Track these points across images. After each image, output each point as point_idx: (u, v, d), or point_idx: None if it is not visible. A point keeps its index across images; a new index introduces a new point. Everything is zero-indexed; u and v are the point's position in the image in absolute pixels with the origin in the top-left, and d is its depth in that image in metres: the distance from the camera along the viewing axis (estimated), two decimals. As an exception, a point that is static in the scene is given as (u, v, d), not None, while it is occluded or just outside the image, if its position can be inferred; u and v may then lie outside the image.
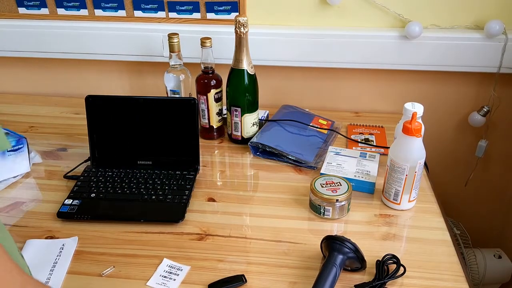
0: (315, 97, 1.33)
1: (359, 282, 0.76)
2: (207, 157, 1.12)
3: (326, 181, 0.92)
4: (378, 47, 1.19)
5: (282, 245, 0.85)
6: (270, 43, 1.22)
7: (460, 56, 1.18)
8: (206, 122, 1.16)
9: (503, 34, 1.13)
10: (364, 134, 1.18)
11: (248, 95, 1.10)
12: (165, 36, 1.18)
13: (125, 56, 1.30)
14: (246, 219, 0.92)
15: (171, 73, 1.14)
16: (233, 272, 0.79)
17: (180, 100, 1.04)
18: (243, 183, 1.03)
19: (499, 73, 1.18)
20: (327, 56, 1.22)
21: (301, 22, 1.23)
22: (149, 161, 1.04)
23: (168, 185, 0.98)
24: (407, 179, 0.88)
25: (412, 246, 0.84)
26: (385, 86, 1.30)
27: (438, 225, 0.89)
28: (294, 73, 1.30)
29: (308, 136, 1.15)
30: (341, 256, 0.75)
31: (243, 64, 1.07)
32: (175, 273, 0.79)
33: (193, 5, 1.22)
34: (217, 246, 0.85)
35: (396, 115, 1.16)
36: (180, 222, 0.90)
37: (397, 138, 0.91)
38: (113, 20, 1.27)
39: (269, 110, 1.26)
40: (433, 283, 0.76)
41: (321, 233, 0.86)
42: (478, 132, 1.31)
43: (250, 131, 1.15)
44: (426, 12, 1.17)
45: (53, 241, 0.86)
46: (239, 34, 1.04)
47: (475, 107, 1.27)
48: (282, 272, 0.79)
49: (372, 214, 0.92)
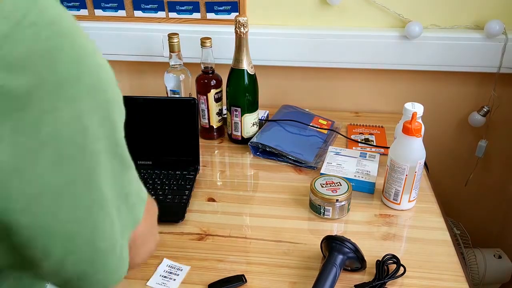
0: (315, 97, 1.33)
1: (359, 282, 0.76)
2: (207, 157, 1.12)
3: (326, 181, 0.92)
4: (378, 47, 1.19)
5: (282, 245, 0.85)
6: (270, 43, 1.22)
7: (460, 56, 1.18)
8: (206, 122, 1.16)
9: (503, 34, 1.13)
10: (364, 134, 1.18)
11: (248, 95, 1.10)
12: (165, 36, 1.18)
13: (125, 56, 1.30)
14: (246, 219, 0.92)
15: (171, 73, 1.14)
16: (233, 272, 0.79)
17: (180, 100, 1.04)
18: (243, 183, 1.03)
19: (499, 73, 1.18)
20: (327, 56, 1.22)
21: (301, 22, 1.23)
22: (149, 161, 1.04)
23: (168, 185, 0.98)
24: (407, 179, 0.88)
25: (412, 246, 0.84)
26: (385, 86, 1.30)
27: (438, 225, 0.89)
28: (294, 73, 1.30)
29: (308, 136, 1.15)
30: (341, 256, 0.75)
31: (243, 64, 1.07)
32: (175, 273, 0.79)
33: (193, 5, 1.22)
34: (217, 246, 0.85)
35: (396, 115, 1.16)
36: (180, 222, 0.90)
37: (397, 138, 0.91)
38: (113, 20, 1.27)
39: (269, 110, 1.26)
40: (433, 283, 0.76)
41: (321, 233, 0.86)
42: (478, 132, 1.31)
43: (250, 131, 1.15)
44: (426, 12, 1.17)
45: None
46: (239, 34, 1.04)
47: (475, 107, 1.27)
48: (282, 272, 0.79)
49: (372, 214, 0.92)
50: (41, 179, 0.33)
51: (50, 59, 0.32)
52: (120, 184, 0.41)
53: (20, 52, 0.30)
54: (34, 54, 0.31)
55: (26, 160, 0.32)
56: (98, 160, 0.37)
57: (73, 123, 0.34)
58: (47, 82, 0.32)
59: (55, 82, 0.32)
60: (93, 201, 0.37)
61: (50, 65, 0.32)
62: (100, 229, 0.38)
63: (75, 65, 0.34)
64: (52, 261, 0.36)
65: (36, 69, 0.31)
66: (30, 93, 0.31)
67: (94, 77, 0.36)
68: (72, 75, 0.34)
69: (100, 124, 0.36)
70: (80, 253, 0.38)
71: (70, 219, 0.36)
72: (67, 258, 0.37)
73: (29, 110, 0.31)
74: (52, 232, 0.35)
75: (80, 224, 0.37)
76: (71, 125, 0.34)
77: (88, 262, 0.39)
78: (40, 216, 0.34)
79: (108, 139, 0.38)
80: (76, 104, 0.34)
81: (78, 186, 0.36)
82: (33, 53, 0.31)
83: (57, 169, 0.34)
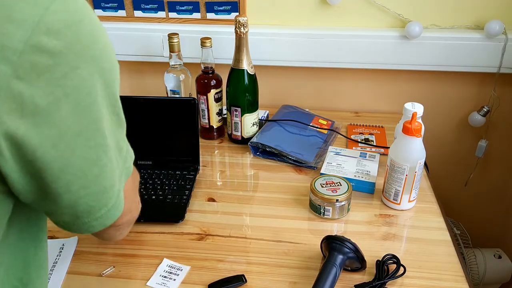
0: (315, 97, 1.33)
1: (359, 282, 0.76)
2: (207, 157, 1.12)
3: (326, 181, 0.92)
4: (378, 47, 1.19)
5: (282, 245, 0.85)
6: (270, 43, 1.22)
7: (460, 56, 1.18)
8: (206, 122, 1.16)
9: (503, 34, 1.13)
10: (364, 134, 1.18)
11: (248, 95, 1.10)
12: (165, 36, 1.18)
13: (125, 56, 1.30)
14: (246, 219, 0.92)
15: (171, 73, 1.14)
16: (233, 272, 0.79)
17: (180, 100, 1.04)
18: (243, 183, 1.03)
19: (499, 73, 1.18)
20: (327, 56, 1.22)
21: (301, 22, 1.23)
22: (149, 161, 1.04)
23: (168, 185, 0.98)
24: (407, 179, 0.88)
25: (412, 246, 0.84)
26: (385, 86, 1.30)
27: (438, 225, 0.89)
28: (294, 73, 1.30)
29: (308, 136, 1.15)
30: (341, 256, 0.75)
31: (243, 64, 1.07)
32: (175, 273, 0.79)
33: (193, 5, 1.22)
34: (217, 246, 0.85)
35: (396, 115, 1.16)
36: (180, 222, 0.90)
37: (397, 138, 0.91)
38: (113, 20, 1.27)
39: (269, 110, 1.26)
40: (433, 283, 0.76)
41: (321, 233, 0.86)
42: (478, 132, 1.31)
43: (250, 131, 1.15)
44: (426, 12, 1.17)
45: (53, 241, 0.86)
46: (239, 34, 1.04)
47: (475, 107, 1.27)
48: (282, 272, 0.79)
49: (372, 214, 0.92)
50: (64, 122, 0.42)
51: (76, 28, 0.41)
52: (117, 138, 0.51)
53: (56, 21, 0.40)
54: (65, 24, 0.40)
55: (55, 105, 0.41)
56: (103, 112, 0.47)
57: (89, 80, 0.43)
58: (74, 46, 0.41)
59: (79, 46, 0.42)
60: (100, 145, 0.47)
61: (76, 33, 0.41)
62: (104, 170, 0.48)
63: (92, 35, 0.43)
64: (71, 194, 0.46)
65: (66, 35, 0.40)
66: (62, 53, 0.40)
67: (103, 47, 0.45)
68: (90, 42, 0.43)
69: (106, 85, 0.46)
70: (90, 188, 0.47)
71: (84, 157, 0.45)
72: (81, 192, 0.47)
73: (59, 67, 0.40)
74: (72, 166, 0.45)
75: (91, 162, 0.46)
76: (87, 81, 0.43)
77: (96, 197, 0.49)
78: (64, 151, 0.43)
79: (109, 98, 0.48)
80: (91, 65, 0.43)
81: (90, 130, 0.45)
82: (64, 22, 0.40)
83: (76, 114, 0.43)
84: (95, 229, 0.51)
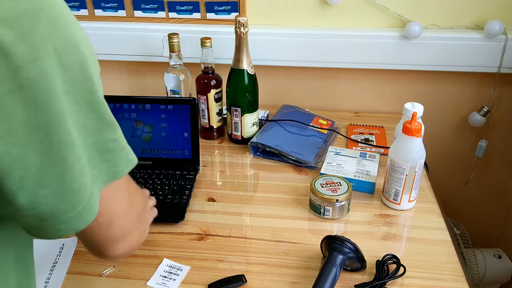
0: (315, 97, 1.33)
1: (359, 282, 0.76)
2: (207, 157, 1.12)
3: (326, 181, 0.92)
4: (378, 47, 1.19)
5: (282, 245, 0.85)
6: (270, 43, 1.22)
7: (460, 56, 1.18)
8: (206, 122, 1.16)
9: (503, 34, 1.13)
10: (364, 134, 1.18)
11: (248, 95, 1.10)
12: (165, 36, 1.18)
13: (125, 56, 1.30)
14: (246, 219, 0.92)
15: (171, 73, 1.14)
16: (233, 272, 0.79)
17: (180, 100, 1.04)
18: (243, 183, 1.03)
19: (499, 73, 1.18)
20: (327, 56, 1.22)
21: (301, 22, 1.23)
22: (149, 161, 1.05)
23: (168, 185, 0.98)
24: (407, 179, 0.88)
25: (412, 246, 0.84)
26: (385, 86, 1.30)
27: (438, 225, 0.89)
28: (294, 73, 1.30)
29: (308, 136, 1.15)
30: (341, 256, 0.75)
31: (243, 64, 1.07)
32: (175, 273, 0.79)
33: (193, 5, 1.22)
34: (217, 246, 0.85)
35: (396, 115, 1.16)
36: (180, 222, 0.90)
37: (397, 138, 0.91)
38: (113, 20, 1.27)
39: (269, 110, 1.26)
40: (433, 283, 0.76)
41: (321, 233, 0.86)
42: (478, 132, 1.31)
43: (250, 131, 1.15)
44: (426, 12, 1.17)
45: (53, 241, 0.86)
46: (239, 34, 1.04)
47: (475, 107, 1.27)
48: (282, 272, 0.79)
49: (372, 214, 0.92)
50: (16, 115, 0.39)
51: (33, 17, 0.39)
52: (95, 138, 0.47)
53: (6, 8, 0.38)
54: (18, 12, 0.38)
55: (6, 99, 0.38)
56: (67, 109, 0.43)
57: (50, 74, 0.40)
58: (29, 36, 0.39)
59: (36, 37, 0.39)
60: (64, 143, 0.43)
61: (31, 22, 0.39)
62: (70, 170, 0.44)
63: (54, 25, 0.41)
64: (26, 192, 0.42)
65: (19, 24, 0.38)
66: (13, 42, 0.38)
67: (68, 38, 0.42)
68: (51, 33, 0.40)
69: (74, 79, 0.43)
70: (52, 187, 0.44)
71: (41, 153, 0.42)
72: (39, 191, 0.43)
73: (14, 57, 0.38)
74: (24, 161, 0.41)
75: (51, 160, 0.43)
76: (48, 75, 0.40)
77: (60, 197, 0.45)
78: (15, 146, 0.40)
79: (82, 94, 0.44)
80: (52, 58, 0.40)
81: (50, 126, 0.42)
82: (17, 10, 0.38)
83: (31, 109, 0.40)
84: (63, 233, 0.47)
